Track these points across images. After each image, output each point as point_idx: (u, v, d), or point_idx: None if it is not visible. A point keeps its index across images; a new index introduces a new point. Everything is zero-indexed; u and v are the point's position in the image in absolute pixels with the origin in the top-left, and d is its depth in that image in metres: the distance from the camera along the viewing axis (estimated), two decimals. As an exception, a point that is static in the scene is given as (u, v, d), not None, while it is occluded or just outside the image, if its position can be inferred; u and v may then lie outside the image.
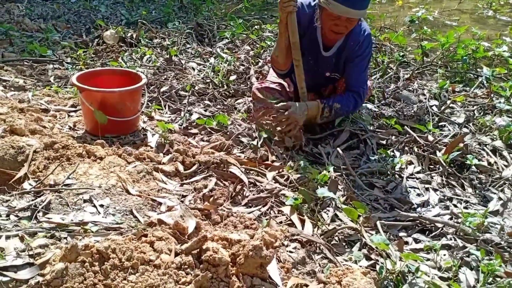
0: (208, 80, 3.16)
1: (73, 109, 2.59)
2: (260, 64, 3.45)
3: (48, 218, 1.61)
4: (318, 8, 2.33)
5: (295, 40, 2.32)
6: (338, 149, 2.22)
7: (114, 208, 1.70)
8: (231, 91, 3.07)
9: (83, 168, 1.92)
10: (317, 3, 2.33)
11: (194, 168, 2.08)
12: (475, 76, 3.28)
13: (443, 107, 2.79)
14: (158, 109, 2.72)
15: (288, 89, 2.71)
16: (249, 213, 1.82)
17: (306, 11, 2.39)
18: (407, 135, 2.42)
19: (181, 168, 2.06)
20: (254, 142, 2.32)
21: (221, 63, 3.37)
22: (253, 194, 1.94)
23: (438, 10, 5.13)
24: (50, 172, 1.88)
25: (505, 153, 2.31)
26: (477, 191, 2.06)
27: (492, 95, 2.93)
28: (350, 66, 2.45)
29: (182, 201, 1.84)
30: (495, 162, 2.25)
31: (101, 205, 1.71)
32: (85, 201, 1.73)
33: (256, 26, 4.20)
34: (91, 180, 1.86)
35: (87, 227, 1.57)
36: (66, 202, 1.72)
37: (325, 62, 2.49)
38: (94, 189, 1.78)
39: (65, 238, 1.52)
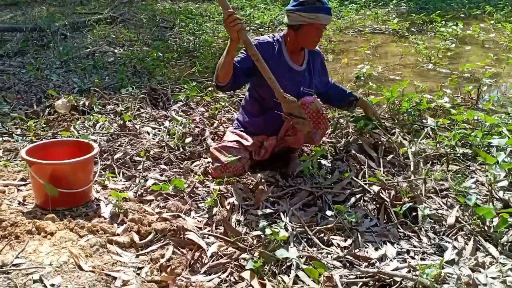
0: (163, 144, 3.16)
1: (23, 183, 2.51)
2: (215, 125, 3.49)
3: (-6, 304, 1.52)
4: (297, 29, 2.65)
5: (254, 52, 2.45)
6: (292, 208, 2.25)
7: (66, 287, 1.63)
8: (187, 154, 3.07)
9: (33, 246, 1.84)
10: (294, 26, 2.65)
11: (150, 237, 2.04)
12: (421, 127, 3.44)
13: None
14: (112, 177, 2.67)
15: (245, 144, 2.75)
16: (208, 281, 1.78)
17: (266, 42, 2.74)
18: (360, 188, 2.47)
19: (136, 238, 2.01)
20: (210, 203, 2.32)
21: (176, 126, 3.39)
22: (212, 261, 1.91)
23: (382, 66, 5.42)
24: (-3, 252, 1.79)
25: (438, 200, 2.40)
26: (432, 241, 2.11)
27: (438, 145, 3.06)
28: (323, 73, 3.01)
29: (138, 274, 1.78)
30: (447, 210, 2.33)
31: (52, 285, 1.64)
32: (35, 281, 1.65)
33: (210, 88, 4.28)
34: (42, 258, 1.78)
35: (36, 310, 1.49)
36: (15, 284, 1.64)
37: (300, 77, 2.79)
38: (45, 268, 1.71)
39: (13, 325, 1.43)
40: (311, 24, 2.60)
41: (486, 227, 2.14)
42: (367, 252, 2.02)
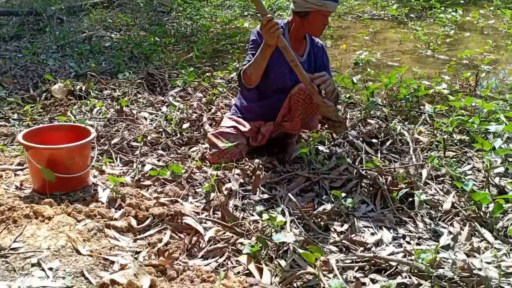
0: (160, 129, 3.16)
1: (20, 167, 2.51)
2: (213, 110, 3.49)
3: (-7, 287, 1.53)
4: (303, 16, 2.61)
5: (293, 58, 2.43)
6: (289, 194, 2.26)
7: (64, 270, 1.64)
8: (184, 139, 3.07)
9: (31, 230, 1.85)
10: (301, 13, 2.60)
11: (147, 222, 2.04)
12: (419, 113, 3.44)
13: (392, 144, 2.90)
14: (109, 162, 2.67)
15: (242, 130, 2.75)
16: (206, 265, 1.80)
17: None
18: (357, 174, 2.48)
19: (134, 223, 2.02)
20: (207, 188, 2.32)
21: (174, 112, 3.38)
22: (210, 245, 1.92)
23: (380, 52, 5.40)
24: (-5, 236, 1.80)
25: (435, 185, 2.41)
26: (428, 226, 2.12)
27: (435, 131, 3.07)
28: (327, 67, 2.86)
29: (135, 258, 1.79)
30: (444, 195, 2.34)
31: (50, 268, 1.65)
32: (33, 265, 1.67)
33: (207, 74, 4.27)
34: (39, 242, 1.79)
35: (35, 293, 1.50)
36: (13, 267, 1.65)
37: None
38: (43, 252, 1.72)
39: (12, 307, 1.45)
40: (318, 11, 2.56)
41: (481, 213, 2.16)
42: (363, 237, 2.04)
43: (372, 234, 2.06)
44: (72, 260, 1.69)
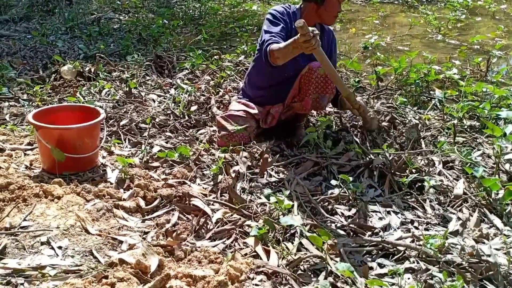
0: (169, 112, 3.15)
1: (30, 147, 2.52)
2: (220, 93, 3.47)
3: (4, 264, 1.55)
4: (321, 3, 2.61)
5: (332, 73, 2.49)
6: (297, 177, 2.25)
7: (73, 249, 1.66)
8: (192, 122, 3.06)
9: (40, 209, 1.86)
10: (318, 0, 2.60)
11: (156, 202, 2.05)
12: (428, 98, 3.41)
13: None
14: (118, 143, 2.68)
15: (252, 113, 2.73)
16: (213, 246, 1.80)
17: (286, 12, 2.67)
18: (366, 159, 2.47)
19: (142, 203, 2.03)
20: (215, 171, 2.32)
21: (182, 94, 3.37)
22: (217, 227, 1.92)
23: (390, 36, 5.33)
24: (6, 214, 1.81)
25: (444, 171, 2.40)
26: (436, 212, 2.11)
27: (445, 117, 3.04)
28: (333, 54, 2.87)
29: (144, 238, 1.80)
30: (453, 181, 2.32)
31: (59, 247, 1.67)
32: (42, 243, 1.68)
33: (215, 56, 4.24)
34: (49, 221, 1.80)
35: (45, 271, 1.52)
36: (22, 245, 1.66)
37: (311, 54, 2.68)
38: (52, 231, 1.74)
39: (22, 284, 1.47)
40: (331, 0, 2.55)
41: (491, 199, 2.14)
42: (371, 221, 2.03)
43: (380, 218, 2.06)
44: (81, 239, 1.71)
